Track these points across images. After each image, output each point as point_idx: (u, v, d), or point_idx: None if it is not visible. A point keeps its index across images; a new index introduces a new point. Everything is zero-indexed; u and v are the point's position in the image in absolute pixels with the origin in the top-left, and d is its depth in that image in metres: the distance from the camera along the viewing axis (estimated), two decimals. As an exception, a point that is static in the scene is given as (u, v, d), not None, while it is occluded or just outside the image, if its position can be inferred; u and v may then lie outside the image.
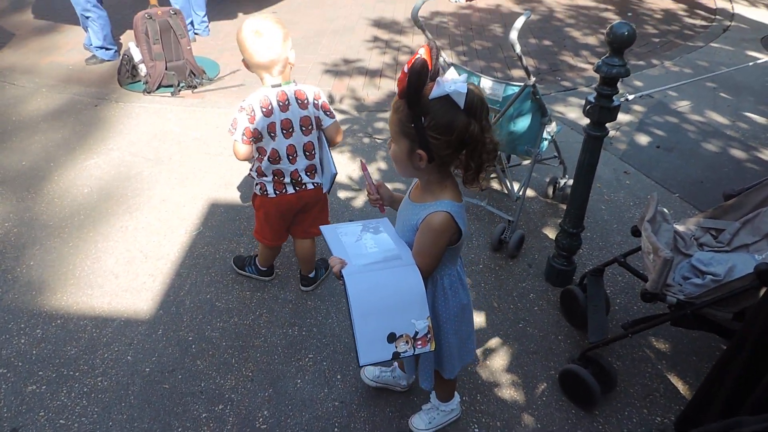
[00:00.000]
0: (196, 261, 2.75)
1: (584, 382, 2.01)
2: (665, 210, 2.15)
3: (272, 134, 2.08)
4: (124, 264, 2.72)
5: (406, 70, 1.28)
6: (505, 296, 2.59)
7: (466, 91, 1.30)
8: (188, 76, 4.54)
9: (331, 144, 2.24)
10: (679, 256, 2.06)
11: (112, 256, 2.77)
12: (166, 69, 4.43)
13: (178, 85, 4.47)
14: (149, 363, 2.21)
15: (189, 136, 3.84)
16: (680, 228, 2.15)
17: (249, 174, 2.27)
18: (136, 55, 4.44)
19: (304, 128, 2.10)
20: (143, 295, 2.54)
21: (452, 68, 1.35)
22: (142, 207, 3.13)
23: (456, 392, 2.00)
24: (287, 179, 2.18)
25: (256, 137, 2.08)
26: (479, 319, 2.45)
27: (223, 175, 3.41)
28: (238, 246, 2.84)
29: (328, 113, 2.15)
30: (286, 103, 2.06)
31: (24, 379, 2.13)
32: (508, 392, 2.14)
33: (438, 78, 1.31)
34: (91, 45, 4.97)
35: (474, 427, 2.01)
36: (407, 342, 1.42)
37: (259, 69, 2.03)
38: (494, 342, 2.35)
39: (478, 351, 2.30)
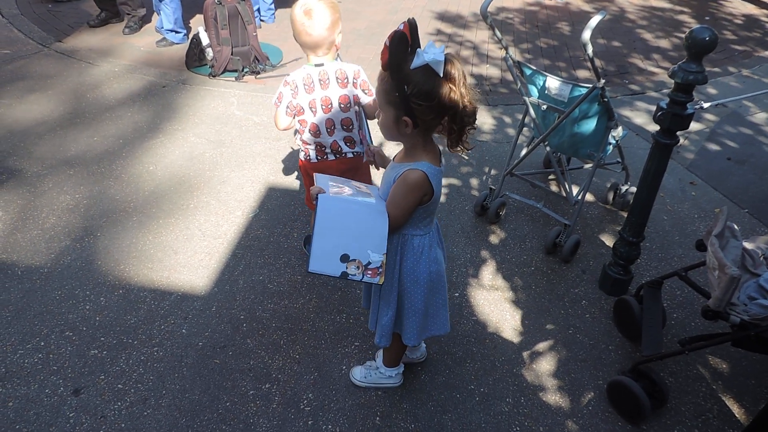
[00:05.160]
0: (251, 243, 2.82)
1: (634, 395, 1.95)
2: (735, 226, 2.05)
3: (312, 110, 2.17)
4: (183, 241, 2.82)
5: (387, 43, 1.39)
6: (555, 300, 2.54)
7: (443, 59, 1.39)
8: (252, 62, 4.65)
9: (370, 118, 2.29)
10: (746, 274, 1.96)
11: (172, 232, 2.88)
12: (231, 54, 4.55)
13: (242, 70, 4.58)
14: (202, 337, 2.30)
15: (250, 121, 3.94)
16: (749, 246, 2.05)
17: (295, 141, 2.36)
18: (204, 39, 4.57)
19: (342, 105, 2.18)
20: (200, 272, 2.63)
21: (430, 41, 1.41)
22: (202, 187, 3.23)
23: (402, 364, 2.10)
24: (328, 149, 2.27)
25: (297, 111, 2.18)
26: (527, 321, 2.42)
27: (282, 161, 3.49)
28: (292, 230, 2.90)
29: (366, 91, 2.19)
30: (327, 81, 2.14)
31: (87, 344, 2.25)
32: (553, 398, 2.11)
33: (417, 49, 1.40)
34: (162, 28, 5.15)
35: (516, 429, 1.99)
36: (358, 267, 1.53)
37: (305, 47, 2.12)
38: (542, 346, 2.31)
39: (525, 353, 2.28)
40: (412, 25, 1.40)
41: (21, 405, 2.00)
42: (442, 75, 1.41)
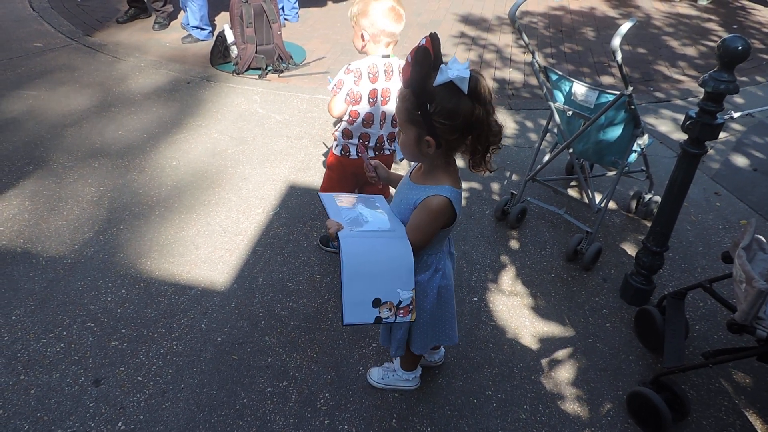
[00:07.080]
0: (271, 240, 2.83)
1: (655, 407, 1.93)
2: (763, 239, 2.02)
3: (371, 100, 2.20)
4: (204, 236, 2.84)
5: (409, 59, 1.33)
6: (575, 308, 2.51)
7: (468, 76, 1.33)
8: (276, 61, 4.67)
9: None
10: (774, 288, 1.93)
11: (193, 227, 2.90)
12: (256, 52, 4.58)
13: (266, 68, 4.61)
14: (221, 333, 2.31)
15: (272, 119, 3.96)
16: (778, 259, 2.01)
17: (333, 134, 2.39)
18: (230, 36, 4.61)
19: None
20: (220, 267, 2.65)
21: (455, 56, 1.37)
22: (224, 183, 3.25)
23: (420, 367, 2.10)
24: (372, 143, 2.29)
25: (355, 100, 2.20)
26: (546, 328, 2.40)
27: (303, 160, 3.50)
28: (312, 229, 2.91)
29: None
30: (391, 73, 2.20)
31: (108, 335, 2.28)
32: (572, 407, 2.09)
33: (441, 65, 1.34)
34: (188, 24, 5.20)
35: (533, 437, 1.98)
36: (390, 309, 1.49)
37: (377, 37, 2.16)
38: (561, 354, 2.29)
39: (544, 360, 2.26)
40: (434, 39, 1.33)
41: (42, 393, 2.03)
42: (466, 92, 1.35)
